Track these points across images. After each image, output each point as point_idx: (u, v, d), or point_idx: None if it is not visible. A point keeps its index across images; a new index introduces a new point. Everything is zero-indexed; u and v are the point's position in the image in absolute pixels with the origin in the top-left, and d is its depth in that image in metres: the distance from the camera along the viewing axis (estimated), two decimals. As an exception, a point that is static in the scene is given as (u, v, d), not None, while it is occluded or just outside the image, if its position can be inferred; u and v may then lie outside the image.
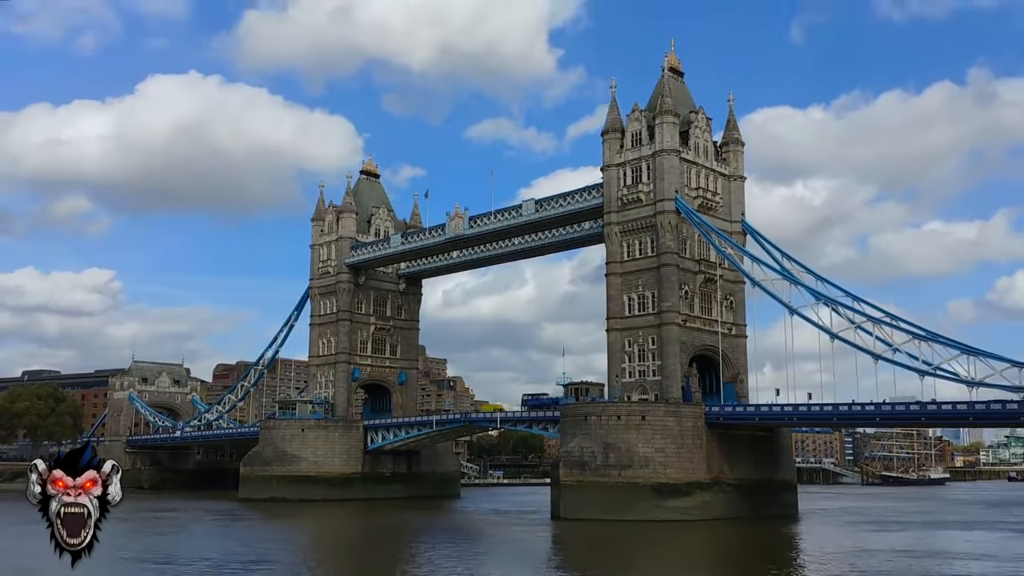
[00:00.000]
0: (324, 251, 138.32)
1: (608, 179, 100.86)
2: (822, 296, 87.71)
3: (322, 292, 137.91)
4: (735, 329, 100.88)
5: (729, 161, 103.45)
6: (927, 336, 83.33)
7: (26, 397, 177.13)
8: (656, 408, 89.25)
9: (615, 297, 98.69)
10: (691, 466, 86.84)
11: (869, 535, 79.89)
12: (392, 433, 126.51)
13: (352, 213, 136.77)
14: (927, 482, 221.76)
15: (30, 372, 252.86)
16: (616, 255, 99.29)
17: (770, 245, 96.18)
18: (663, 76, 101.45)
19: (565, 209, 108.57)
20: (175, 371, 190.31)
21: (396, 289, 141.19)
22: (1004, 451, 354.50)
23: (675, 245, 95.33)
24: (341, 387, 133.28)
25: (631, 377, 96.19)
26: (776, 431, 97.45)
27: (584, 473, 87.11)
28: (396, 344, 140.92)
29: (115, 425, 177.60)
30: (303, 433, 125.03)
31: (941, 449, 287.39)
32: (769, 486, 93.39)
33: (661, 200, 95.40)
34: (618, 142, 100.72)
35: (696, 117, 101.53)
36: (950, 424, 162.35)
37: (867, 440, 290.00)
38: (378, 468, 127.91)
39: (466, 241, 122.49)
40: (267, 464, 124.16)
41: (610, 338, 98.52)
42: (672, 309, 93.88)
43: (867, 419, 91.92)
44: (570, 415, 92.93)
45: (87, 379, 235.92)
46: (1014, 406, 75.05)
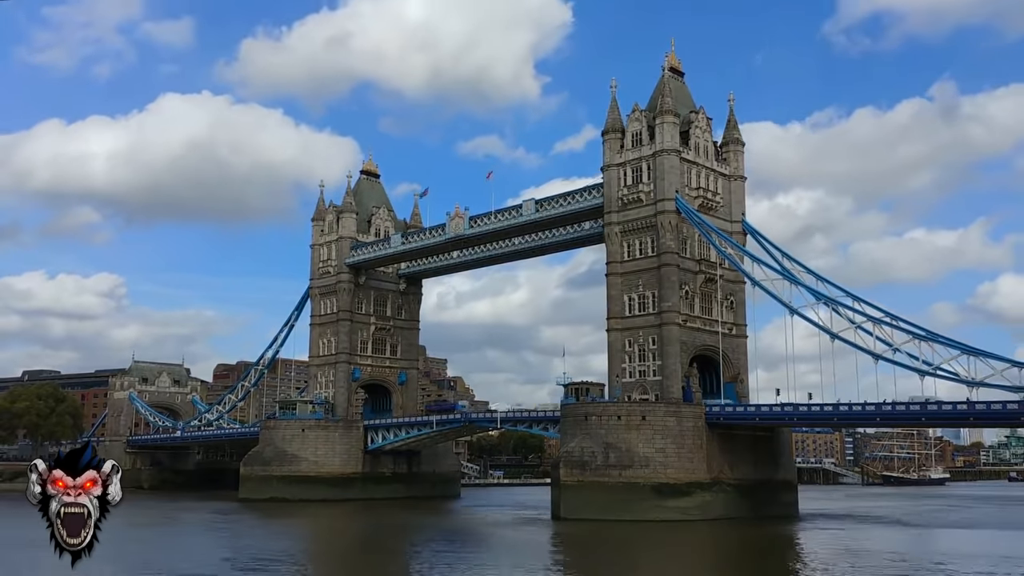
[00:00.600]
0: (324, 251, 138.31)
1: (608, 179, 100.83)
2: (822, 296, 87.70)
3: (322, 292, 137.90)
4: (735, 329, 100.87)
5: (729, 161, 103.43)
6: (927, 336, 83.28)
7: (26, 397, 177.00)
8: (656, 408, 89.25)
9: (615, 297, 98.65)
10: (691, 466, 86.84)
11: (869, 535, 79.78)
12: (392, 433, 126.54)
13: (352, 213, 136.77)
14: (927, 482, 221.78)
15: (30, 372, 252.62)
16: (616, 255, 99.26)
17: (770, 245, 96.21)
18: (663, 76, 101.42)
19: (565, 209, 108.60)
20: (175, 371, 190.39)
21: (396, 289, 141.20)
22: (1004, 451, 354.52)
23: (675, 245, 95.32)
24: (341, 387, 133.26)
25: (631, 377, 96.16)
26: (776, 431, 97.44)
27: (584, 473, 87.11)
28: (396, 344, 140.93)
29: (115, 425, 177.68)
30: (303, 433, 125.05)
31: (941, 449, 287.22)
32: (769, 486, 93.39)
33: (661, 200, 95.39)
34: (618, 142, 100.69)
35: (696, 117, 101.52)
36: (950, 424, 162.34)
37: (867, 440, 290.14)
38: (378, 468, 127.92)
39: (466, 241, 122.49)
40: (267, 464, 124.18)
41: (610, 338, 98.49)
42: (672, 309, 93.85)
43: (867, 419, 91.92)
44: (570, 415, 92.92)
45: (87, 379, 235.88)
46: (1014, 406, 75.07)
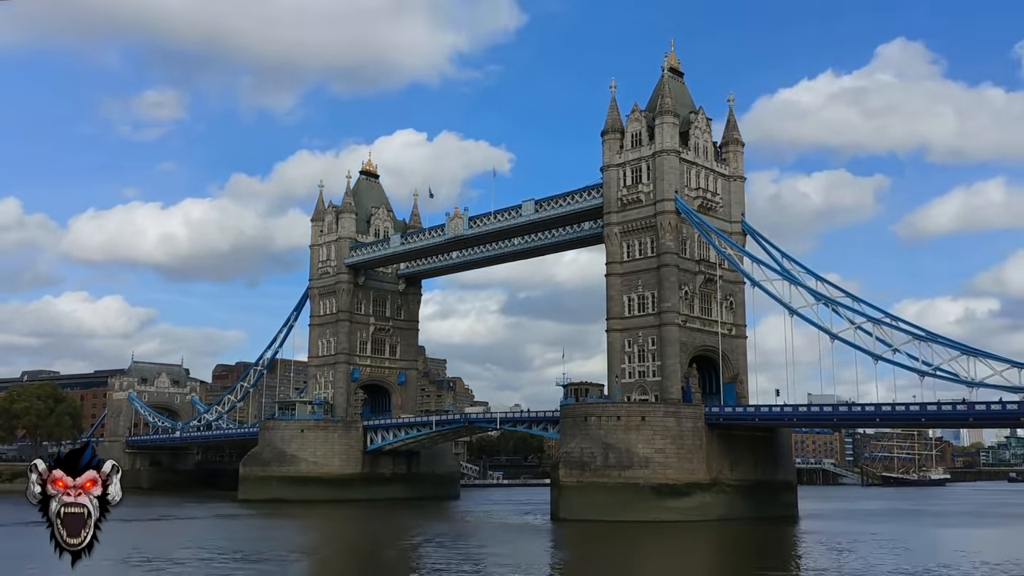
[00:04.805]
0: (323, 251, 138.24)
1: (608, 179, 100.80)
2: (822, 296, 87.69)
3: (322, 292, 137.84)
4: (735, 329, 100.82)
5: (729, 161, 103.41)
6: (927, 336, 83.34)
7: (26, 397, 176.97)
8: (656, 408, 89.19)
9: (615, 297, 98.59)
10: (691, 467, 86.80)
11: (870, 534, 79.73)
12: (392, 434, 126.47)
13: (352, 213, 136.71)
14: (927, 483, 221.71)
15: (30, 372, 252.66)
16: (616, 255, 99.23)
17: (770, 245, 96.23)
18: (663, 76, 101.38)
19: (565, 209, 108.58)
20: (174, 371, 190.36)
21: (396, 289, 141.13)
22: (1004, 452, 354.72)
23: (675, 245, 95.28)
24: (341, 387, 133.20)
25: (631, 378, 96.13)
26: (776, 432, 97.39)
27: (584, 474, 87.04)
28: (396, 344, 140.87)
29: (114, 425, 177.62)
30: (302, 434, 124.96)
31: (941, 450, 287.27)
32: (769, 487, 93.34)
33: (661, 200, 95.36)
34: (618, 142, 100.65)
35: (696, 117, 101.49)
36: (950, 424, 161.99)
37: (867, 441, 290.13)
38: (378, 469, 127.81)
39: (466, 241, 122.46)
40: (266, 465, 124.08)
41: (610, 338, 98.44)
42: (672, 309, 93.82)
43: (867, 419, 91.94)
44: (570, 415, 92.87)
45: (87, 379, 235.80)
46: (1014, 406, 75.11)
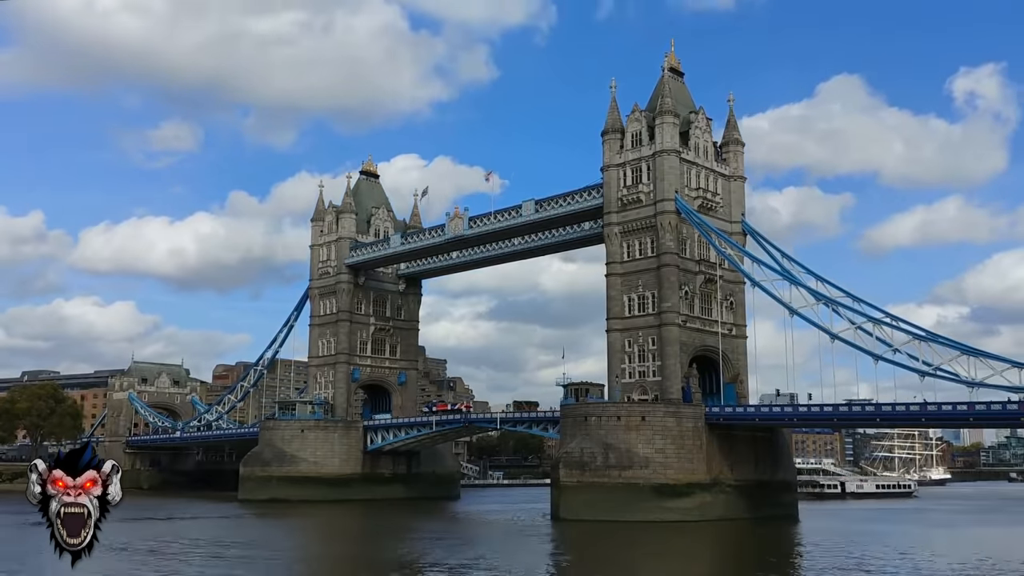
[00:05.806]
0: (324, 251, 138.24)
1: (608, 179, 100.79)
2: (822, 296, 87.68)
3: (322, 292, 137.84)
4: (735, 329, 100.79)
5: (729, 161, 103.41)
6: (927, 336, 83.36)
7: (26, 397, 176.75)
8: (656, 409, 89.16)
9: (615, 297, 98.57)
10: (691, 467, 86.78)
11: (870, 534, 79.73)
12: (392, 434, 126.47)
13: (352, 213, 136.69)
14: (928, 483, 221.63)
15: (30, 372, 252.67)
16: (616, 255, 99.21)
17: (770, 245, 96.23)
18: (663, 76, 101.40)
19: (565, 209, 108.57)
20: (175, 371, 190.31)
21: (396, 289, 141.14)
22: (1004, 452, 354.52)
23: (675, 245, 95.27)
24: (341, 387, 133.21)
25: (631, 378, 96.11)
26: (776, 432, 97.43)
27: (584, 474, 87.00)
28: (396, 344, 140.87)
29: (115, 425, 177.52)
30: (303, 434, 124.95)
31: (942, 450, 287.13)
32: (769, 487, 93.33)
33: (661, 200, 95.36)
34: (618, 142, 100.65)
35: (696, 117, 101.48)
36: (950, 424, 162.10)
37: (867, 441, 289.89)
38: (378, 469, 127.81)
39: (466, 241, 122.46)
40: (267, 465, 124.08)
41: (610, 338, 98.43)
42: (672, 309, 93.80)
43: (867, 419, 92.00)
44: (570, 415, 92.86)
45: (87, 379, 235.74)
46: (1014, 406, 75.06)
